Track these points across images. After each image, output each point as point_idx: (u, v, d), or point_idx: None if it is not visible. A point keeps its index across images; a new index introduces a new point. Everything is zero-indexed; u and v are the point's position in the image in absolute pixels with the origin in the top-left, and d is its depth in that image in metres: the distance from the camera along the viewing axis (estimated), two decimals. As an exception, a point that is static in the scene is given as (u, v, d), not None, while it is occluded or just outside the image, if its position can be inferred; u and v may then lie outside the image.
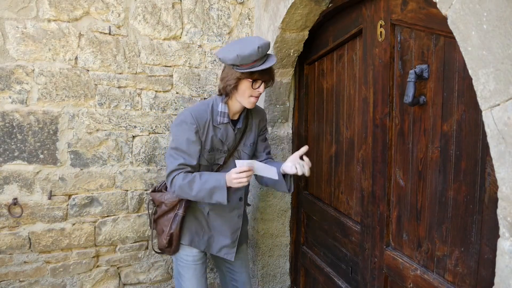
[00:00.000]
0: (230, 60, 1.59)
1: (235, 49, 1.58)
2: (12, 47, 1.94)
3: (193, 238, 1.84)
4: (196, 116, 1.68)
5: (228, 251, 1.87)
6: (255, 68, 1.60)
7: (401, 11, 1.40)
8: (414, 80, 1.27)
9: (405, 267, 1.44)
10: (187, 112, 1.70)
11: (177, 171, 1.67)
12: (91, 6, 2.06)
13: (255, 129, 1.88)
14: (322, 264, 2.14)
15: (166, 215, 1.83)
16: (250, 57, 1.56)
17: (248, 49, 1.55)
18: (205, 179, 1.65)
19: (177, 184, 1.65)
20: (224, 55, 1.61)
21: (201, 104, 1.76)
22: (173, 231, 1.79)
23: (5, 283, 2.05)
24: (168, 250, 1.84)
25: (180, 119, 1.69)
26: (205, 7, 2.30)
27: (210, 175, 1.68)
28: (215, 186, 1.64)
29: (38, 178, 2.04)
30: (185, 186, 1.64)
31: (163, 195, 1.83)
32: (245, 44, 1.59)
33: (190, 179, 1.65)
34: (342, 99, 1.90)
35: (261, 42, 1.58)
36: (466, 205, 1.19)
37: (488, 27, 0.82)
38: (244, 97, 1.68)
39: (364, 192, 1.69)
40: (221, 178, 1.65)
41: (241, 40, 1.69)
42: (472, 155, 1.16)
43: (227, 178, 1.64)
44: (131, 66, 2.17)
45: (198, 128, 1.68)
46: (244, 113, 1.81)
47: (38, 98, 2.00)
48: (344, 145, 1.90)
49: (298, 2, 1.83)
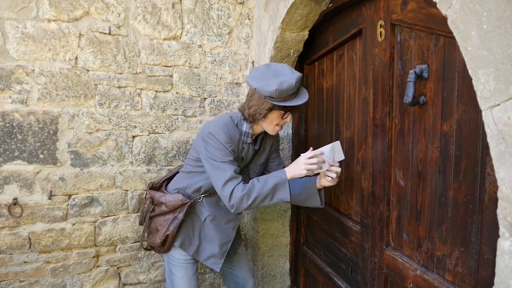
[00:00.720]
0: (267, 93, 1.60)
1: (273, 82, 1.58)
2: (12, 47, 1.94)
3: (185, 242, 1.86)
4: (229, 135, 1.69)
5: (215, 261, 1.88)
6: (289, 103, 1.62)
7: (401, 11, 1.40)
8: (414, 80, 1.27)
9: (405, 267, 1.44)
10: (220, 131, 1.68)
11: (231, 181, 1.63)
12: (91, 6, 2.06)
13: (267, 150, 1.94)
14: (322, 264, 2.14)
15: (164, 215, 1.84)
16: (287, 92, 1.58)
17: (286, 84, 1.56)
18: (263, 181, 1.63)
19: (237, 196, 1.61)
20: (261, 87, 1.60)
21: (227, 123, 1.73)
22: (169, 233, 1.80)
23: (5, 283, 2.05)
24: (159, 249, 1.86)
25: (215, 138, 1.67)
26: (205, 7, 2.30)
27: (268, 175, 1.67)
28: (277, 183, 1.62)
29: (38, 178, 2.04)
30: (243, 197, 1.60)
31: (165, 196, 1.83)
32: (281, 77, 1.59)
33: (249, 186, 1.62)
34: (342, 99, 1.90)
35: (296, 75, 1.60)
36: (466, 205, 1.19)
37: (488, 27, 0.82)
38: (271, 126, 1.72)
39: (364, 192, 1.69)
40: (281, 174, 1.64)
41: (270, 68, 1.66)
42: (472, 155, 1.16)
43: (287, 171, 1.64)
44: (131, 66, 2.17)
45: (233, 147, 1.71)
46: (261, 135, 1.87)
47: (38, 98, 2.00)
48: (344, 145, 1.90)
49: (298, 2, 1.83)
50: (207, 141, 1.69)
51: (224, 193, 1.63)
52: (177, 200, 1.79)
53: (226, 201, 1.64)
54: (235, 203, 1.62)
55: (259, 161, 1.91)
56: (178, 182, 1.90)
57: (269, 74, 1.62)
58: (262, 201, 1.62)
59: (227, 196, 1.62)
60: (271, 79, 1.59)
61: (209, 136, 1.68)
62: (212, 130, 1.69)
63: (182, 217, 1.80)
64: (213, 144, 1.67)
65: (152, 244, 1.87)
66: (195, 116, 2.35)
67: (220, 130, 1.68)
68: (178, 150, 2.32)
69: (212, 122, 1.76)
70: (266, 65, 1.68)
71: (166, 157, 2.30)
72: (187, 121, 2.33)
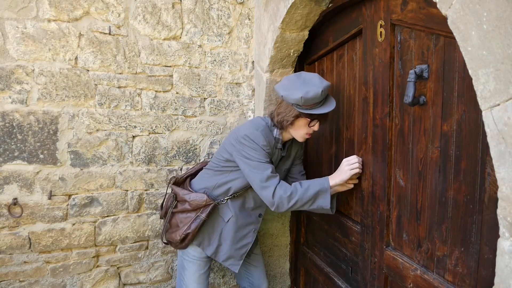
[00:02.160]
0: (293, 100, 1.64)
1: (299, 90, 1.61)
2: (12, 47, 1.94)
3: (204, 241, 1.88)
4: (267, 138, 1.73)
5: (234, 262, 1.90)
6: (315, 110, 1.65)
7: (401, 11, 1.40)
8: (414, 80, 1.27)
9: (405, 267, 1.44)
10: (258, 133, 1.71)
11: (272, 179, 1.67)
12: (91, 6, 2.06)
13: (292, 157, 1.97)
14: (322, 264, 2.14)
15: (186, 213, 1.85)
16: (313, 100, 1.61)
17: (312, 92, 1.59)
18: (306, 186, 1.67)
19: (279, 195, 1.65)
20: (287, 94, 1.65)
21: (264, 127, 1.77)
22: (190, 231, 1.81)
23: (5, 283, 2.05)
24: (177, 245, 1.88)
25: (253, 140, 1.70)
26: (205, 7, 2.30)
27: (311, 181, 1.71)
28: (319, 190, 1.67)
29: (38, 178, 2.04)
30: (285, 198, 1.64)
31: (189, 194, 1.85)
32: (306, 86, 1.62)
33: (293, 189, 1.66)
34: (342, 99, 1.90)
35: (324, 85, 1.62)
36: (466, 205, 1.19)
37: (488, 27, 0.82)
38: (298, 133, 1.76)
39: (364, 192, 1.69)
40: (324, 181, 1.69)
41: (300, 77, 1.69)
42: (472, 155, 1.16)
43: (331, 178, 1.68)
44: (131, 66, 2.17)
45: (270, 150, 1.74)
46: (289, 142, 1.90)
47: (38, 98, 2.00)
48: (344, 145, 1.90)
49: (298, 2, 1.83)
50: (242, 143, 1.71)
51: (266, 191, 1.67)
52: (201, 200, 1.80)
53: (268, 198, 1.67)
54: (277, 202, 1.65)
55: (283, 167, 1.94)
56: (205, 181, 1.91)
57: (297, 83, 1.66)
58: (303, 205, 1.67)
59: (270, 193, 1.66)
60: (299, 87, 1.63)
61: (245, 138, 1.71)
62: (249, 132, 1.72)
63: (204, 217, 1.81)
64: (250, 145, 1.70)
65: (171, 239, 1.89)
66: (195, 116, 2.34)
67: (258, 133, 1.71)
68: (178, 150, 2.32)
69: (247, 124, 1.79)
70: (297, 74, 1.73)
71: (166, 157, 2.30)
72: (187, 121, 2.33)
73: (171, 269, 2.40)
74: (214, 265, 2.48)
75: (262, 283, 2.10)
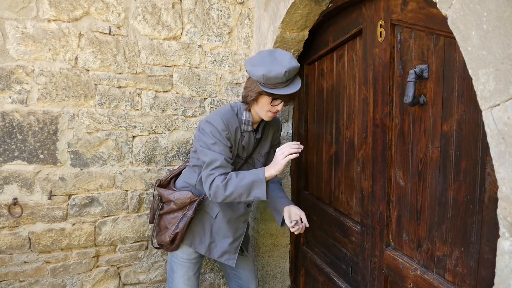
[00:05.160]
0: (255, 77, 1.61)
1: (263, 66, 1.57)
2: (12, 47, 1.94)
3: (194, 240, 1.85)
4: (227, 122, 1.69)
5: (229, 256, 1.88)
6: (276, 90, 1.60)
7: (401, 11, 1.40)
8: (414, 80, 1.27)
9: (405, 267, 1.44)
10: (217, 117, 1.68)
11: (218, 169, 1.64)
12: (91, 6, 2.06)
13: (270, 139, 1.92)
14: (322, 264, 2.14)
15: (173, 213, 1.83)
16: (275, 79, 1.57)
17: (275, 71, 1.54)
18: (241, 177, 1.63)
19: (215, 184, 1.62)
20: (251, 70, 1.61)
21: (227, 111, 1.74)
22: (178, 231, 1.80)
23: (5, 283, 2.05)
24: (168, 247, 1.85)
25: (212, 125, 1.67)
26: (205, 7, 2.30)
27: (247, 172, 1.67)
28: (254, 181, 1.62)
29: (38, 178, 2.04)
30: (220, 187, 1.61)
31: (173, 193, 1.83)
32: (273, 64, 1.57)
33: (227, 178, 1.62)
34: (342, 99, 1.90)
35: (290, 66, 1.56)
36: (466, 205, 1.19)
37: (488, 27, 0.82)
38: (263, 111, 1.71)
39: (364, 192, 1.69)
40: (259, 172, 1.65)
41: (272, 55, 1.64)
42: (472, 155, 1.16)
43: (266, 169, 1.64)
44: (131, 66, 2.17)
45: (230, 134, 1.69)
46: (262, 123, 1.85)
47: (38, 98, 2.00)
48: (344, 145, 1.90)
49: (298, 2, 1.83)
50: (203, 129, 1.69)
51: (208, 179, 1.63)
52: (186, 197, 1.79)
53: (207, 187, 1.64)
54: (213, 191, 1.63)
55: (262, 151, 1.89)
56: (186, 177, 1.90)
57: (267, 59, 1.61)
58: (239, 196, 1.63)
59: (209, 182, 1.63)
60: (266, 64, 1.58)
61: (205, 124, 1.69)
62: (210, 118, 1.70)
63: (191, 215, 1.79)
64: (208, 131, 1.67)
65: (161, 242, 1.86)
66: (195, 116, 2.35)
67: (217, 117, 1.69)
68: (178, 150, 2.32)
69: (213, 112, 1.79)
70: (271, 51, 1.67)
71: (166, 157, 2.30)
72: (187, 121, 2.33)
73: (171, 269, 2.40)
74: (214, 265, 2.48)
75: (251, 284, 2.05)
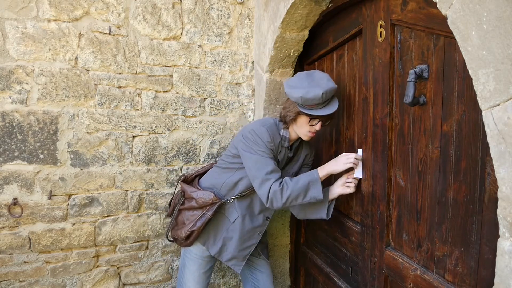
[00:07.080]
0: (293, 99, 1.66)
1: (301, 88, 1.62)
2: (12, 47, 1.94)
3: (209, 240, 1.88)
4: (272, 135, 1.74)
5: (237, 262, 1.90)
6: (314, 111, 1.65)
7: (401, 11, 1.40)
8: (414, 80, 1.27)
9: (405, 267, 1.44)
10: (263, 129, 1.73)
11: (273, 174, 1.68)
12: (91, 6, 2.06)
13: (301, 161, 1.95)
14: (322, 264, 2.14)
15: (193, 211, 1.86)
16: (312, 100, 1.61)
17: (312, 93, 1.59)
18: (296, 180, 1.69)
19: (273, 190, 1.66)
20: (289, 91, 1.67)
21: (271, 124, 1.79)
22: (195, 229, 1.82)
23: (5, 283, 2.05)
24: (181, 242, 1.89)
25: (257, 135, 1.72)
26: (205, 7, 2.30)
27: (299, 175, 1.73)
28: (310, 181, 1.67)
29: (38, 178, 2.04)
30: (278, 192, 1.65)
31: (196, 192, 1.86)
32: (311, 86, 1.62)
33: (283, 183, 1.67)
34: (342, 99, 1.90)
35: (327, 87, 1.61)
36: (466, 205, 1.19)
37: (488, 27, 0.82)
38: (301, 130, 1.76)
39: (364, 192, 1.69)
40: (313, 172, 1.71)
41: (310, 76, 1.69)
42: (472, 155, 1.16)
43: (322, 168, 1.70)
44: (131, 66, 2.17)
45: (274, 147, 1.75)
46: (296, 143, 1.89)
47: (38, 98, 2.00)
48: (344, 145, 1.90)
49: (298, 2, 1.83)
50: (248, 137, 1.73)
51: (264, 185, 1.67)
52: (208, 198, 1.81)
53: (265, 195, 1.67)
54: (271, 196, 1.66)
55: (291, 170, 1.92)
56: (213, 178, 1.92)
57: (305, 81, 1.66)
58: (296, 198, 1.67)
59: (266, 189, 1.66)
60: (304, 86, 1.63)
61: (251, 132, 1.73)
62: (255, 128, 1.74)
63: (210, 215, 1.81)
64: (254, 140, 1.71)
65: (176, 236, 1.90)
66: (195, 116, 2.34)
67: (263, 129, 1.73)
68: (178, 150, 2.32)
69: (256, 122, 1.82)
70: (309, 72, 1.73)
71: (166, 157, 2.30)
72: (187, 121, 2.33)
73: (171, 269, 2.40)
74: (215, 265, 2.48)
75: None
